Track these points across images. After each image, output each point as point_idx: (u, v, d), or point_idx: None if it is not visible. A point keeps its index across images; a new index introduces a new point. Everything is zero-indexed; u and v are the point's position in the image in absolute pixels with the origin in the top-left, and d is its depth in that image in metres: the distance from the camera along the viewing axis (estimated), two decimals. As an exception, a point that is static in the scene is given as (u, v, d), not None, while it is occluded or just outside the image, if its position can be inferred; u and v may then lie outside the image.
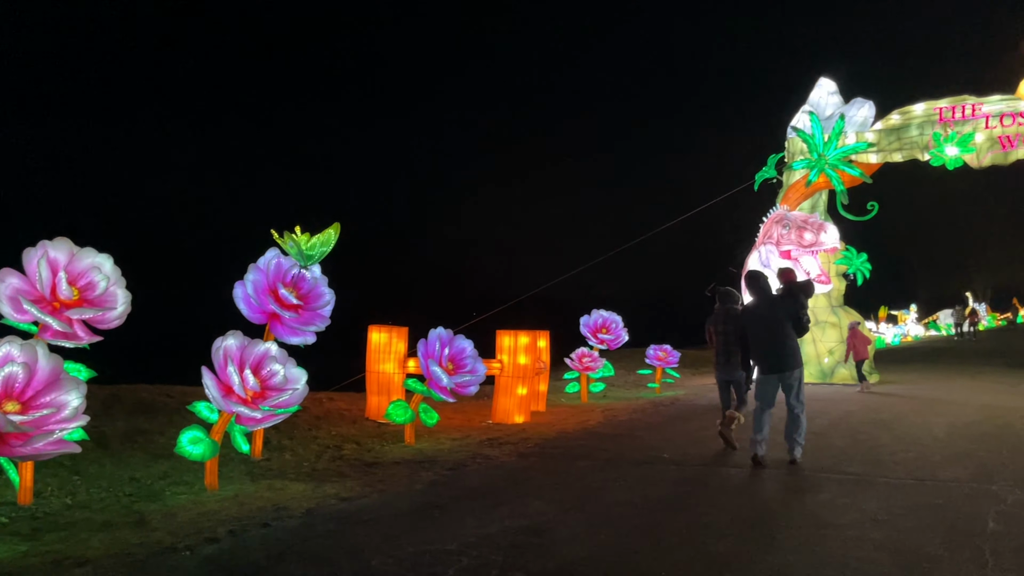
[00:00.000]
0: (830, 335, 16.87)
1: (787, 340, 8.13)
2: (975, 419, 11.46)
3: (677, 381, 16.57)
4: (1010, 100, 15.53)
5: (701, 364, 21.57)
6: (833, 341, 16.79)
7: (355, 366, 12.21)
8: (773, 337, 8.14)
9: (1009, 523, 5.92)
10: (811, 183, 16.79)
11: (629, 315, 15.44)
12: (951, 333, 45.31)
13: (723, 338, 9.45)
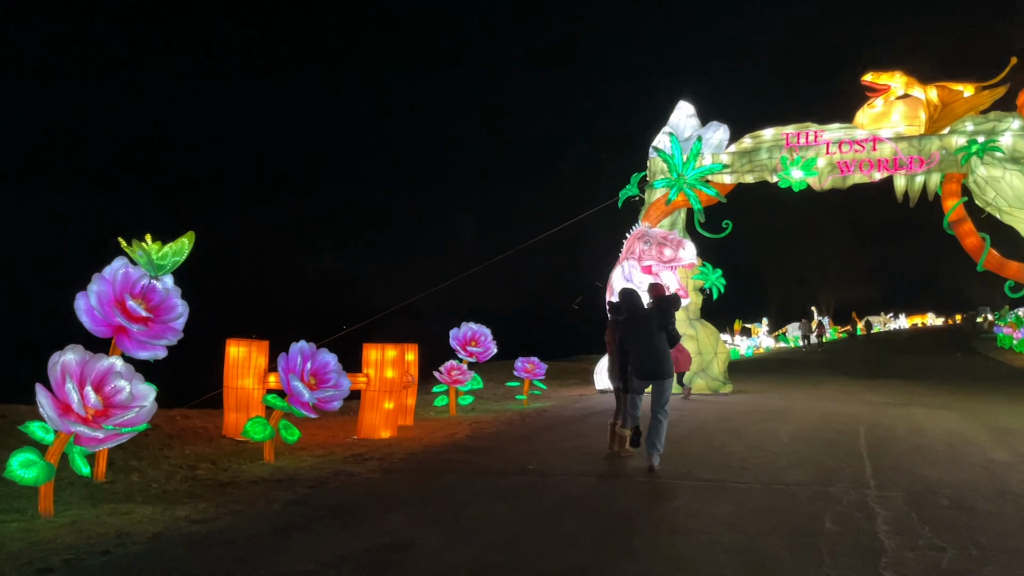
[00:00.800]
0: (688, 347, 17.59)
1: (661, 350, 8.74)
2: (817, 426, 12.24)
3: (544, 392, 16.82)
4: (848, 128, 16.78)
5: (568, 375, 22.02)
6: (691, 353, 17.54)
7: (213, 382, 11.68)
8: (648, 347, 8.74)
9: (844, 523, 6.33)
10: (671, 201, 17.51)
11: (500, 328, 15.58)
12: (798, 345, 48.28)
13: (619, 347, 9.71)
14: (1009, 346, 42.99)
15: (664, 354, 8.75)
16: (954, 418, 13.29)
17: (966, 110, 15.94)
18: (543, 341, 30.82)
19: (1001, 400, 16.62)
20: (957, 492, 7.43)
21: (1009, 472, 8.50)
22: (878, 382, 21.28)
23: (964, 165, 15.59)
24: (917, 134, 16.12)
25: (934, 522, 6.29)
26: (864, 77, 16.56)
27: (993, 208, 15.57)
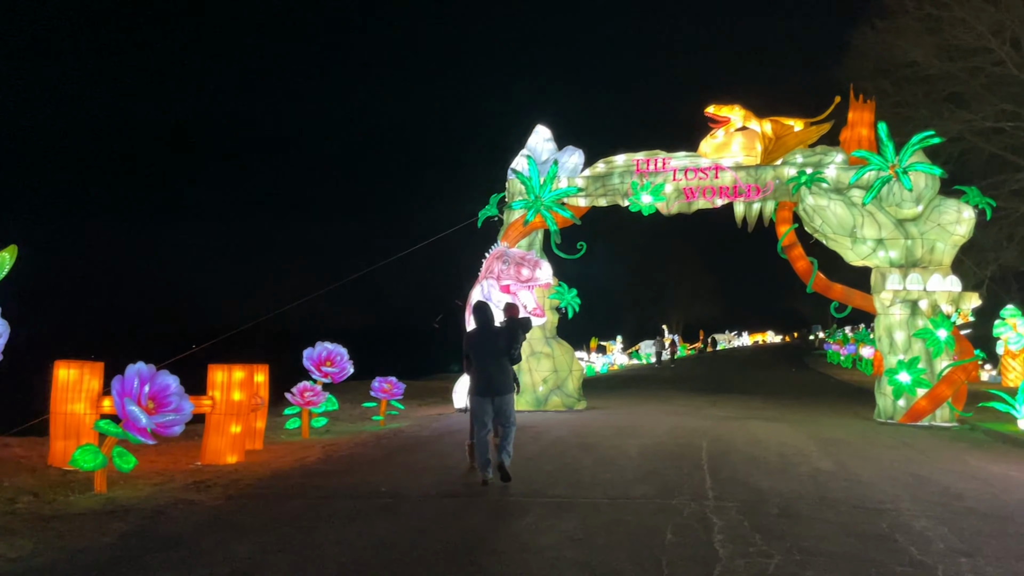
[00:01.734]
0: (544, 365, 17.94)
1: (503, 367, 9.04)
2: (664, 440, 12.76)
3: (402, 413, 16.64)
4: (692, 156, 17.72)
5: (429, 394, 21.89)
6: (546, 371, 17.87)
7: (39, 407, 10.79)
8: (491, 364, 9.00)
9: (684, 534, 6.63)
10: (528, 222, 17.86)
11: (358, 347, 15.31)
12: (651, 361, 50.24)
13: None
14: (837, 362, 46.57)
15: (507, 372, 9.07)
16: (787, 430, 14.22)
17: (796, 143, 17.20)
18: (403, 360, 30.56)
19: (828, 412, 17.95)
20: (786, 501, 7.94)
21: (832, 480, 9.17)
22: (721, 397, 22.46)
23: (795, 194, 16.79)
24: (754, 164, 17.22)
25: (764, 530, 6.69)
26: (707, 109, 17.57)
27: (820, 234, 16.83)
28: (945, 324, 15.45)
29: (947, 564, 5.73)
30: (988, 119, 28.18)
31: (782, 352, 74.63)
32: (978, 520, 7.16)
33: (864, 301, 17.01)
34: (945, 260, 16.08)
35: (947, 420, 15.41)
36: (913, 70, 28.69)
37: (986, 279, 29.08)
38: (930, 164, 16.11)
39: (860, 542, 6.35)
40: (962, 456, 11.30)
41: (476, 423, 9.09)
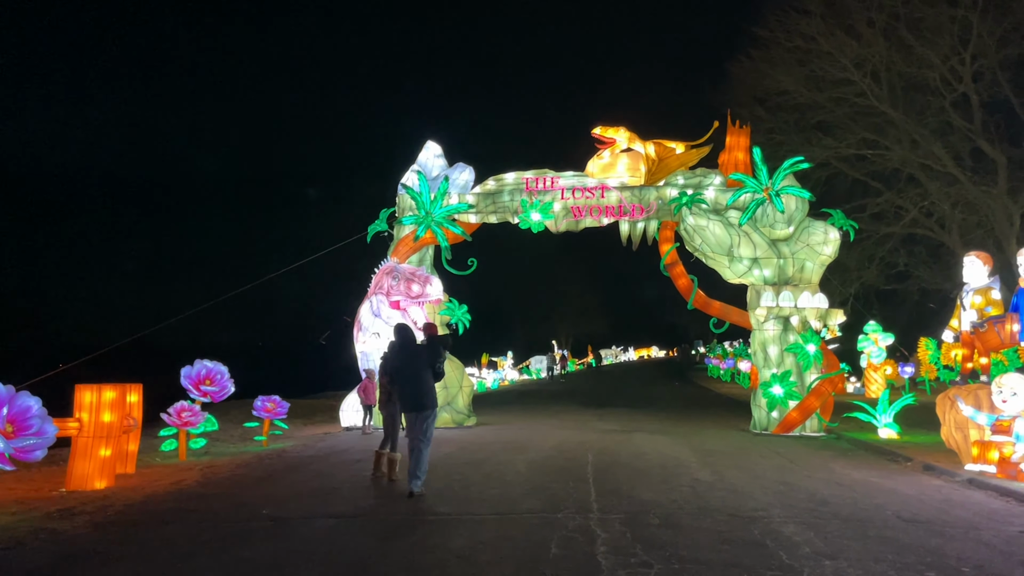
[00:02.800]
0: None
1: (427, 384, 9.47)
2: (551, 454, 12.92)
3: (286, 432, 16.20)
4: (580, 176, 18.15)
5: (315, 413, 21.40)
6: (437, 386, 17.78)
7: None
8: (415, 380, 9.42)
9: (569, 547, 6.73)
10: (419, 238, 17.80)
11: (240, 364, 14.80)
12: (541, 377, 50.82)
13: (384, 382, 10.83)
14: (717, 375, 48.42)
15: (430, 387, 9.49)
16: (669, 443, 14.66)
17: (678, 165, 17.90)
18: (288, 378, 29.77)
19: (708, 425, 18.63)
20: (666, 511, 8.19)
21: (710, 490, 9.52)
22: (608, 411, 22.95)
23: (676, 214, 17.45)
24: (638, 184, 17.80)
25: (645, 540, 6.88)
26: (594, 130, 18.05)
27: (700, 253, 17.56)
28: (814, 339, 16.36)
29: (812, 567, 6.05)
30: (852, 147, 30.15)
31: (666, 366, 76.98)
32: (841, 524, 7.59)
33: (741, 317, 17.82)
34: (814, 278, 17.04)
35: (816, 430, 16.29)
36: (785, 98, 30.41)
37: (850, 296, 31.05)
38: (800, 188, 17.08)
39: (734, 549, 6.62)
40: (828, 464, 11.95)
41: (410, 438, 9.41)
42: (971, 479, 10.15)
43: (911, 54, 27.93)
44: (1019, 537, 7.15)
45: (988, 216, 28.82)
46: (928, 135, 28.69)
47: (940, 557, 6.38)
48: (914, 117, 29.00)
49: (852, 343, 28.11)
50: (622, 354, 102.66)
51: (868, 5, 27.63)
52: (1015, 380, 10.01)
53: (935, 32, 27.46)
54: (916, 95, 29.27)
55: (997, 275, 12.33)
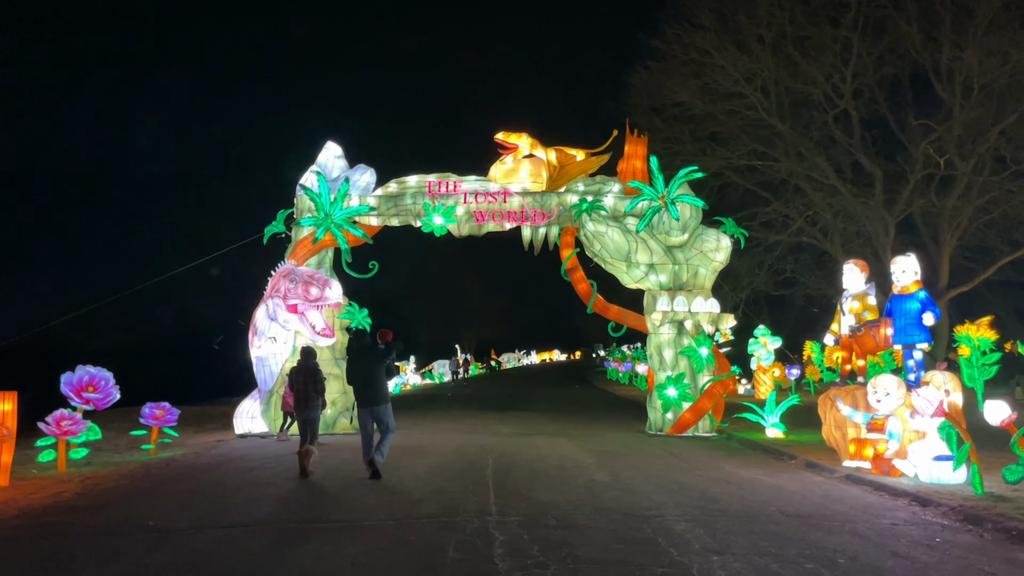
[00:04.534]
0: (333, 386, 17.49)
1: (380, 382, 10.96)
2: (452, 458, 12.91)
3: (176, 441, 15.57)
4: (483, 181, 18.22)
5: (208, 420, 20.65)
6: (336, 392, 17.45)
7: None
8: (370, 380, 10.86)
9: (466, 550, 6.74)
10: (318, 240, 17.46)
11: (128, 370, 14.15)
12: (443, 381, 50.69)
13: (303, 386, 11.72)
14: (616, 378, 49.51)
15: (384, 386, 11.08)
16: (568, 444, 14.89)
17: (578, 172, 18.22)
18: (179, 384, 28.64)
19: (606, 426, 19.02)
20: (563, 512, 8.31)
21: (606, 491, 9.72)
22: (509, 414, 23.11)
23: (577, 220, 17.75)
24: (540, 190, 18.00)
25: (542, 541, 6.96)
26: (496, 135, 18.16)
27: (599, 259, 17.91)
28: (706, 342, 16.94)
29: (701, 563, 6.26)
30: (743, 157, 31.39)
31: (567, 370, 78.14)
32: (729, 521, 7.89)
33: (638, 321, 18.27)
34: (707, 284, 17.66)
35: (708, 431, 16.88)
36: (681, 109, 31.40)
37: (741, 302, 32.31)
38: (694, 196, 17.67)
39: (628, 547, 6.79)
40: (719, 463, 12.40)
41: (363, 430, 11.02)
42: (848, 475, 10.73)
43: (797, 71, 29.33)
44: (890, 529, 7.61)
45: (866, 226, 30.54)
46: (812, 148, 30.17)
47: (819, 549, 6.72)
48: (800, 131, 30.46)
49: (743, 346, 29.27)
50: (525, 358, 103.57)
51: (758, 22, 28.86)
52: (888, 381, 10.64)
53: (819, 50, 28.94)
54: (802, 110, 30.76)
55: (873, 282, 13.08)
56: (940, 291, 28.73)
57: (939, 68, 28.13)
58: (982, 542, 7.10)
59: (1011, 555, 6.62)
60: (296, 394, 11.93)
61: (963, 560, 6.42)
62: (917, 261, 11.91)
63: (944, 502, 8.46)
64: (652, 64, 31.39)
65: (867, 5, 28.00)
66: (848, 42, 28.49)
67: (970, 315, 23.23)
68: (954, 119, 27.56)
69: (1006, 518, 7.58)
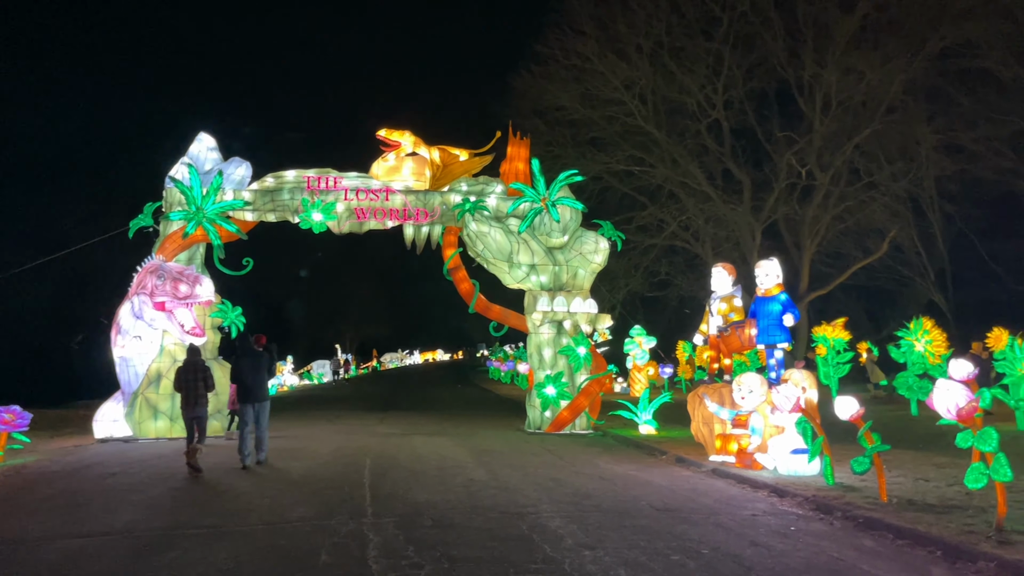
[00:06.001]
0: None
1: (263, 381, 12.23)
2: (328, 460, 12.66)
3: (28, 447, 14.53)
4: (364, 178, 17.96)
5: (65, 424, 19.41)
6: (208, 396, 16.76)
7: None
8: (255, 379, 12.07)
9: (340, 553, 6.62)
10: (188, 235, 16.72)
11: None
12: (323, 381, 49.61)
13: (192, 385, 11.79)
14: (498, 377, 49.88)
15: (267, 385, 12.34)
16: (447, 444, 14.89)
17: (462, 172, 18.25)
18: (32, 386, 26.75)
19: (486, 425, 19.14)
20: (440, 512, 8.30)
21: (484, 489, 9.78)
22: (389, 414, 22.88)
23: (460, 220, 17.78)
24: (423, 189, 17.92)
25: (417, 542, 6.93)
26: (379, 132, 17.94)
27: (482, 259, 18.00)
28: (584, 342, 17.33)
29: (573, 558, 6.40)
30: (621, 163, 32.34)
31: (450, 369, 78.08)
32: (602, 516, 8.10)
33: (519, 321, 18.48)
34: (586, 285, 18.06)
35: (585, 428, 17.27)
36: (562, 113, 32.03)
37: (618, 303, 33.27)
38: (574, 199, 18.04)
39: (503, 545, 6.85)
40: (594, 460, 12.71)
41: (242, 423, 12.04)
42: (714, 469, 11.23)
43: (673, 80, 30.50)
44: (751, 519, 8.01)
45: (735, 231, 32.09)
46: (686, 155, 31.44)
47: (685, 541, 7.00)
48: (675, 138, 31.67)
49: (619, 346, 30.11)
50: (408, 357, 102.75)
51: (637, 32, 29.81)
52: (752, 379, 11.19)
53: (693, 62, 30.20)
54: (677, 118, 32.00)
55: (740, 284, 13.73)
56: (801, 294, 30.52)
57: (802, 84, 29.92)
58: (832, 529, 7.58)
59: (858, 541, 7.10)
60: (184, 393, 11.92)
61: (815, 547, 6.84)
62: (779, 265, 12.58)
63: (799, 493, 8.99)
64: (535, 68, 31.88)
65: (738, 21, 29.44)
66: (720, 55, 29.86)
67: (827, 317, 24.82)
68: (814, 132, 29.36)
69: (854, 506, 8.12)
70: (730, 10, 29.18)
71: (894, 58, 27.19)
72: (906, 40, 27.34)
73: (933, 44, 27.13)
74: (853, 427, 8.90)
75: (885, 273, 35.26)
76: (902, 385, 10.66)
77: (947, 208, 33.00)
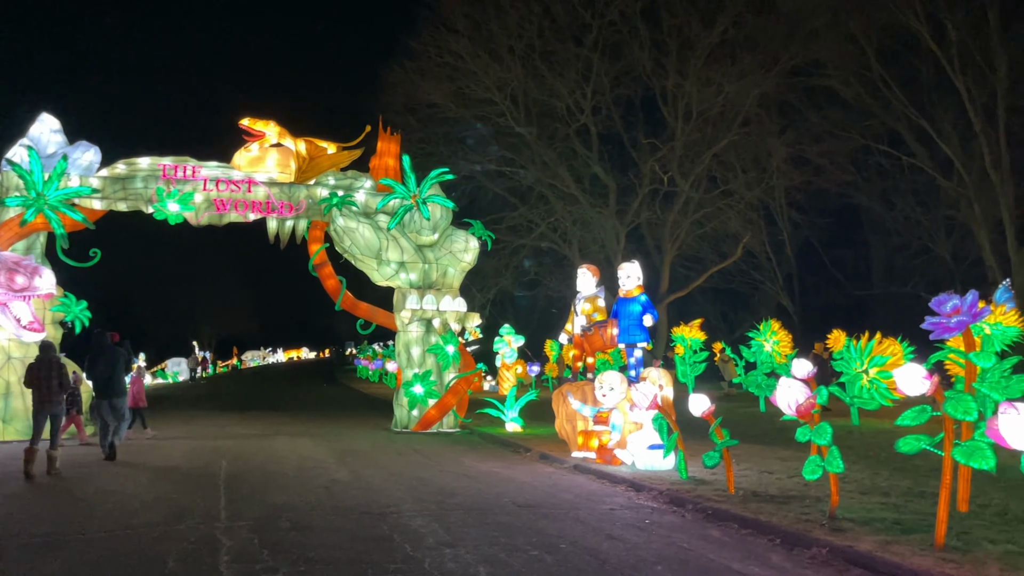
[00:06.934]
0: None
1: (118, 377, 12.40)
2: (181, 463, 12.07)
3: None
4: (225, 168, 17.20)
5: None
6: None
7: None
8: (110, 375, 12.18)
9: (189, 560, 6.30)
10: (27, 223, 15.47)
11: None
12: (178, 380, 47.30)
13: (46, 381, 11.05)
14: (366, 376, 49.17)
15: (122, 380, 12.66)
16: (309, 444, 14.52)
17: (329, 165, 17.83)
18: None
19: (352, 425, 18.82)
20: (299, 514, 8.07)
21: (346, 490, 9.59)
22: (250, 414, 22.09)
23: (327, 215, 17.36)
24: (288, 182, 17.38)
25: (273, 545, 6.70)
26: (241, 121, 17.24)
27: (349, 255, 17.66)
28: (453, 340, 17.33)
29: (433, 556, 6.37)
30: (493, 163, 32.61)
31: (316, 368, 76.31)
32: (464, 514, 8.11)
33: (387, 319, 18.26)
34: (455, 283, 18.06)
35: (452, 426, 17.28)
36: (435, 111, 31.93)
37: (488, 301, 33.51)
38: (445, 197, 17.99)
39: (363, 545, 6.73)
40: (460, 458, 12.73)
41: (100, 420, 12.37)
42: (576, 465, 11.49)
43: (544, 83, 31.04)
44: (608, 513, 8.25)
45: (600, 234, 33.01)
46: (556, 158, 32.07)
47: (544, 536, 7.11)
48: (545, 141, 32.23)
49: (489, 344, 30.33)
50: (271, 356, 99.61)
51: (509, 33, 30.14)
52: (612, 377, 11.53)
53: (563, 66, 30.85)
54: (547, 121, 32.59)
55: (603, 285, 14.13)
56: (661, 295, 31.78)
57: (665, 93, 31.17)
58: (684, 521, 7.91)
59: (706, 532, 7.44)
60: (37, 391, 11.10)
61: (667, 539, 7.12)
62: (640, 268, 13.02)
63: (655, 487, 9.33)
64: (408, 63, 31.63)
65: (607, 29, 30.32)
66: (589, 61, 30.65)
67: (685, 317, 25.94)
68: (676, 140, 30.66)
69: (704, 499, 8.51)
70: (599, 18, 30.00)
71: (750, 73, 28.77)
72: (761, 57, 29.01)
73: (785, 62, 28.91)
74: (707, 423, 9.32)
75: (739, 277, 37.35)
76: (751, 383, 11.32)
77: (795, 217, 35.26)
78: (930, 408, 6.06)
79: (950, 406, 5.96)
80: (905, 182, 31.85)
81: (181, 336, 64.57)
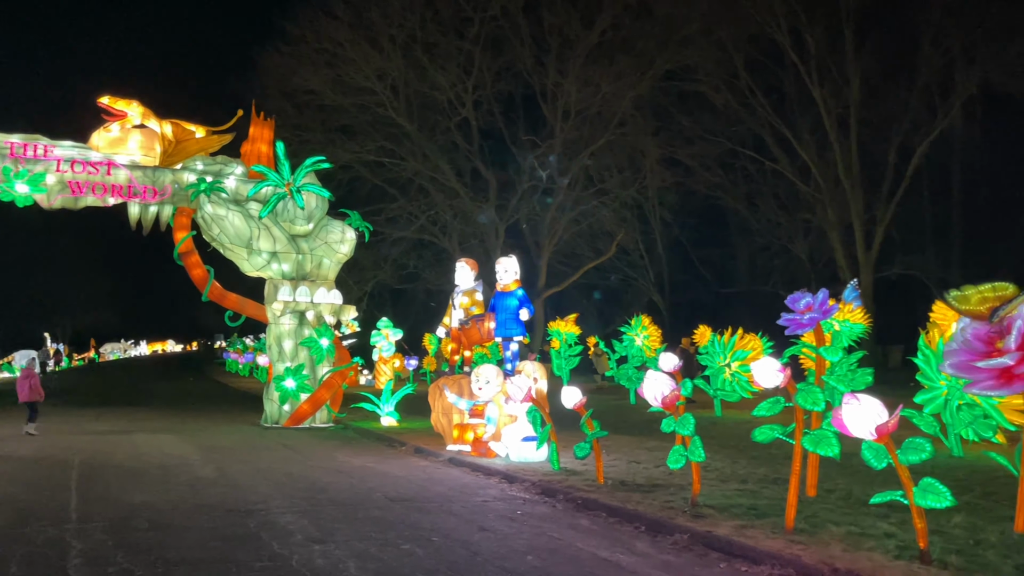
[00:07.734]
0: None
1: None
2: (27, 462, 11.29)
3: None
4: (82, 148, 16.14)
5: None
6: None
7: None
8: None
9: (34, 564, 5.90)
10: None
11: None
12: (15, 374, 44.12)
13: None
14: (235, 370, 47.43)
15: None
16: (173, 440, 13.88)
17: (197, 150, 17.04)
18: None
19: (219, 420, 18.13)
20: (159, 513, 7.69)
21: (210, 487, 9.23)
22: (108, 410, 20.91)
23: (194, 201, 16.60)
24: (153, 165, 16.50)
25: (129, 546, 6.36)
26: (101, 99, 16.24)
27: (218, 244, 16.96)
28: (328, 333, 16.97)
29: (302, 553, 6.22)
30: (372, 153, 32.13)
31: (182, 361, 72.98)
32: (335, 509, 7.97)
33: (257, 311, 17.66)
34: (331, 275, 17.68)
35: (325, 421, 16.94)
36: (312, 97, 31.13)
37: (366, 294, 33.03)
38: (321, 186, 17.57)
39: (227, 544, 6.49)
40: (333, 453, 12.49)
41: None
42: (451, 458, 11.50)
43: (425, 75, 30.85)
44: (481, 505, 8.30)
45: (480, 228, 33.17)
46: (437, 151, 31.96)
47: (417, 530, 7.08)
48: (426, 133, 32.07)
49: (367, 338, 29.89)
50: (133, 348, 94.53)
51: (391, 22, 29.77)
52: (488, 370, 11.61)
53: (445, 59, 30.77)
54: (429, 113, 32.43)
55: (481, 279, 14.19)
56: (539, 290, 32.27)
57: (545, 91, 31.65)
58: (554, 511, 8.07)
59: (576, 521, 7.62)
60: None
61: (537, 529, 7.24)
62: (518, 262, 13.16)
63: (528, 478, 9.46)
64: (284, 47, 30.69)
65: (489, 24, 30.46)
66: (471, 55, 30.70)
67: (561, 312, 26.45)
68: (555, 138, 31.17)
69: (575, 489, 8.71)
70: (482, 12, 30.10)
71: (626, 75, 29.62)
72: (637, 59, 29.92)
73: (660, 66, 29.94)
74: (579, 415, 9.54)
75: (614, 273, 38.40)
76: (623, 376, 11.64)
77: (666, 216, 36.66)
78: (783, 399, 6.43)
79: (800, 397, 6.36)
80: (768, 186, 33.68)
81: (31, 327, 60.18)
